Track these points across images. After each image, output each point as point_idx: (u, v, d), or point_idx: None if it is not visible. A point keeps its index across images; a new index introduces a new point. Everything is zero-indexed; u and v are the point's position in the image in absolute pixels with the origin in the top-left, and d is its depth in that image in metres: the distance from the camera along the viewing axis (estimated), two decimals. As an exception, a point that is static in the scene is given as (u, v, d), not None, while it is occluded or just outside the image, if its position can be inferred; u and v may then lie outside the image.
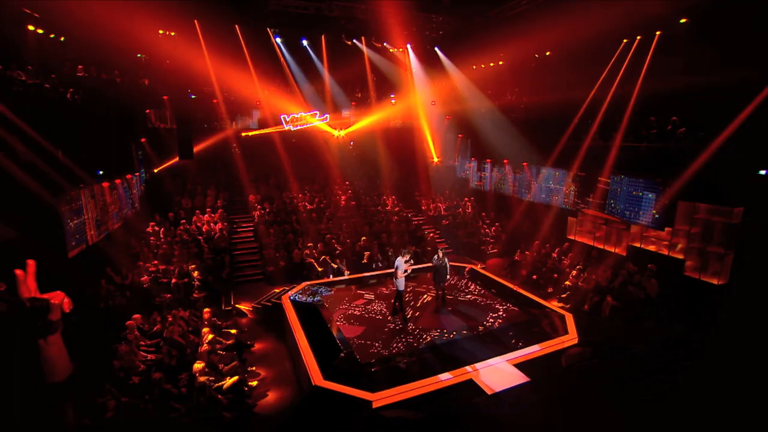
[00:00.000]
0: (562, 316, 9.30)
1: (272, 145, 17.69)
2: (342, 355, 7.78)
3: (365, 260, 13.08)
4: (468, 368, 7.40)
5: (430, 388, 6.95)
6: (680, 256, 10.75)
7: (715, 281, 10.08)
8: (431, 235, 15.52)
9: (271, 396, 7.81)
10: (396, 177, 18.38)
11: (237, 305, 11.34)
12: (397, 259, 9.20)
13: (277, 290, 11.45)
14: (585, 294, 10.70)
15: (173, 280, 11.10)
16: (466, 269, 11.09)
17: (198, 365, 6.94)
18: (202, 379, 6.79)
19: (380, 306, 10.19)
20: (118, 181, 11.64)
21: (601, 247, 12.62)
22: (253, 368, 8.51)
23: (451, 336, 8.52)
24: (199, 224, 14.24)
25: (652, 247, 11.50)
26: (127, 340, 7.67)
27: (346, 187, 17.35)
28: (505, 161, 16.35)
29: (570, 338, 8.38)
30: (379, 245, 13.69)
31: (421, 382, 6.98)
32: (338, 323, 9.19)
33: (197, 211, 14.67)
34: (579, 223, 13.46)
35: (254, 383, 7.88)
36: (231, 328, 9.47)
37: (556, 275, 12.07)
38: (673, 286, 10.16)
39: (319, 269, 12.67)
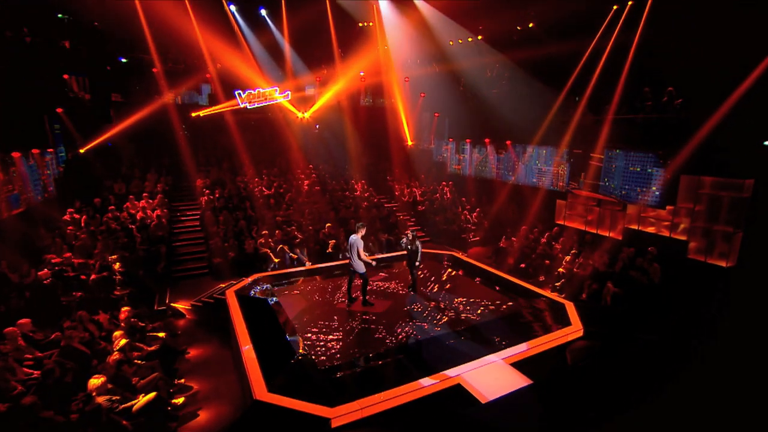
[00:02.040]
0: (562, 305, 8.17)
1: (225, 125, 15.96)
2: (294, 360, 6.26)
3: (330, 249, 11.61)
4: (454, 371, 6.02)
5: (407, 398, 5.55)
6: (683, 238, 9.88)
7: (723, 263, 9.19)
8: (408, 222, 14.22)
9: (204, 416, 6.17)
10: (366, 161, 17.12)
11: (173, 304, 9.56)
12: (351, 236, 7.77)
13: (223, 285, 9.79)
14: (582, 281, 9.71)
15: (92, 276, 9.19)
16: (445, 256, 9.83)
17: (95, 381, 5.21)
18: (100, 399, 5.08)
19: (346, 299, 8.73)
20: (16, 154, 9.57)
21: (594, 231, 11.71)
22: (182, 381, 6.80)
23: (431, 331, 7.20)
24: (132, 211, 12.29)
25: (651, 229, 10.61)
26: (1, 354, 5.80)
27: (310, 172, 15.86)
28: (486, 140, 15.32)
29: (574, 330, 7.18)
30: (346, 233, 12.23)
31: (395, 390, 5.57)
32: (295, 322, 7.68)
33: (131, 197, 12.70)
34: (569, 206, 12.61)
35: (180, 400, 6.19)
36: (159, 331, 7.71)
37: (547, 262, 11.05)
38: (676, 270, 9.25)
39: (276, 260, 11.10)
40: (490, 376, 5.97)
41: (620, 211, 11.21)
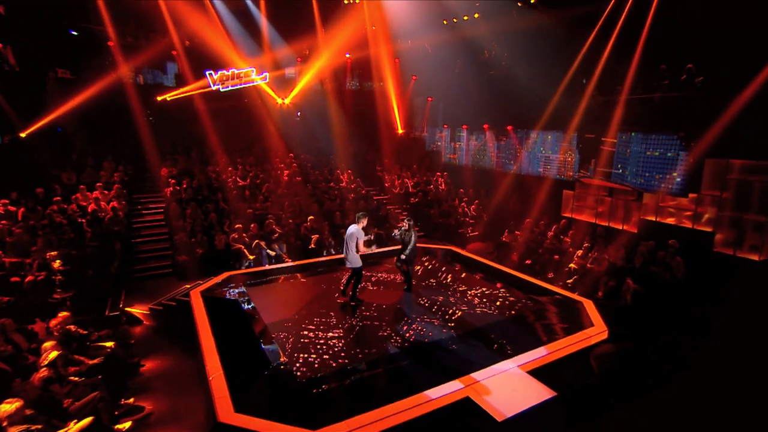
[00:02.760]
0: (579, 304, 7.51)
1: (195, 109, 14.97)
2: (269, 372, 5.43)
3: (313, 245, 10.84)
4: (460, 382, 5.26)
5: (405, 417, 4.77)
6: (708, 229, 9.34)
7: (755, 257, 8.64)
8: (399, 216, 13.52)
9: (156, 443, 5.28)
10: (353, 150, 16.32)
11: (127, 308, 8.60)
12: (350, 227, 7.14)
13: (188, 285, 8.88)
14: (597, 278, 9.15)
15: (28, 278, 8.18)
16: (442, 251, 9.16)
17: (6, 407, 4.27)
18: (14, 430, 4.15)
19: (334, 300, 7.95)
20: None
21: (605, 223, 11.20)
22: (132, 400, 5.89)
23: (432, 335, 6.46)
24: (83, 203, 11.24)
25: (670, 220, 10.07)
26: None
27: (290, 161, 15.02)
28: (484, 126, 14.76)
29: (598, 331, 6.50)
30: (331, 227, 11.51)
31: (391, 407, 4.79)
32: (271, 327, 6.84)
33: (82, 187, 11.65)
34: (577, 197, 12.12)
35: (126, 425, 5.29)
36: (106, 340, 6.77)
37: (557, 257, 10.47)
38: (701, 264, 8.72)
39: (250, 257, 10.25)
40: (506, 387, 5.23)
41: (635, 201, 10.74)
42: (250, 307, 7.56)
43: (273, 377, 5.39)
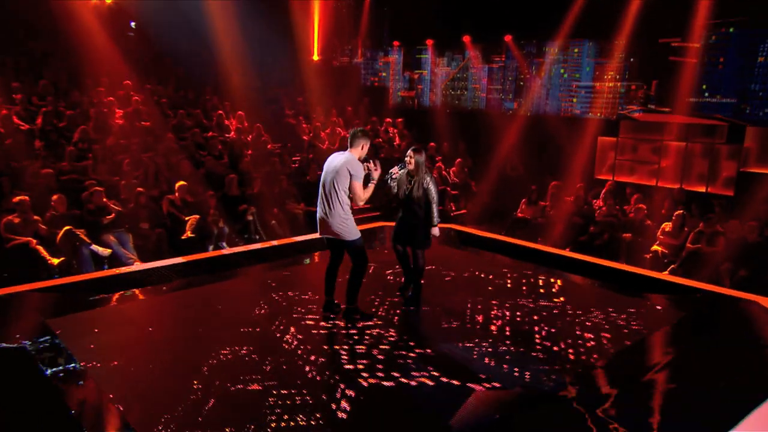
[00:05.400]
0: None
1: None
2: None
3: (189, 232, 9.15)
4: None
5: None
6: None
7: None
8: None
9: None
10: (246, 83, 14.83)
11: None
12: (336, 158, 5.97)
13: None
14: (715, 265, 8.52)
15: None
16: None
17: None
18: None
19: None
20: None
21: (670, 185, 11.01)
22: None
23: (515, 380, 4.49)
24: None
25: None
26: None
27: (129, 93, 12.85)
28: (465, 39, 14.06)
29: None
30: (225, 204, 10.13)
31: None
32: (116, 399, 4.38)
33: None
34: (621, 147, 11.87)
35: None
36: None
37: (627, 235, 9.73)
38: None
39: (53, 261, 7.91)
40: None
41: (725, 144, 10.46)
42: (60, 368, 4.92)
43: None
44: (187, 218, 9.35)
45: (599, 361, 5.10)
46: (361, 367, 4.95)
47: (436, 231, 6.32)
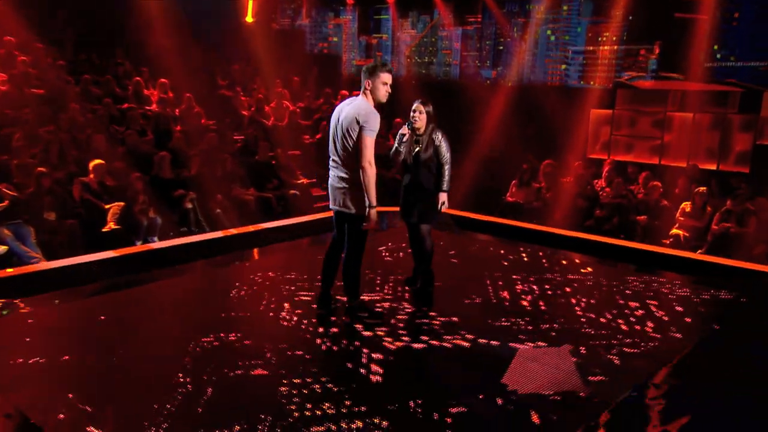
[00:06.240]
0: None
1: None
2: None
3: (112, 223, 9.16)
4: None
5: None
6: None
7: None
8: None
9: None
10: (166, 47, 14.01)
11: None
12: (344, 105, 5.81)
13: None
14: (748, 248, 8.82)
15: None
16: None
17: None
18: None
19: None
20: None
21: (673, 164, 11.34)
22: None
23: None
24: None
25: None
26: None
27: (11, 49, 12.57)
28: None
29: None
30: (153, 186, 9.99)
31: None
32: None
33: None
34: (617, 121, 12.18)
35: None
36: None
37: (642, 218, 9.86)
38: None
39: None
40: None
41: (738, 114, 10.72)
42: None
43: None
44: (107, 206, 9.02)
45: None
46: (381, 333, 5.15)
47: (443, 198, 6.13)
